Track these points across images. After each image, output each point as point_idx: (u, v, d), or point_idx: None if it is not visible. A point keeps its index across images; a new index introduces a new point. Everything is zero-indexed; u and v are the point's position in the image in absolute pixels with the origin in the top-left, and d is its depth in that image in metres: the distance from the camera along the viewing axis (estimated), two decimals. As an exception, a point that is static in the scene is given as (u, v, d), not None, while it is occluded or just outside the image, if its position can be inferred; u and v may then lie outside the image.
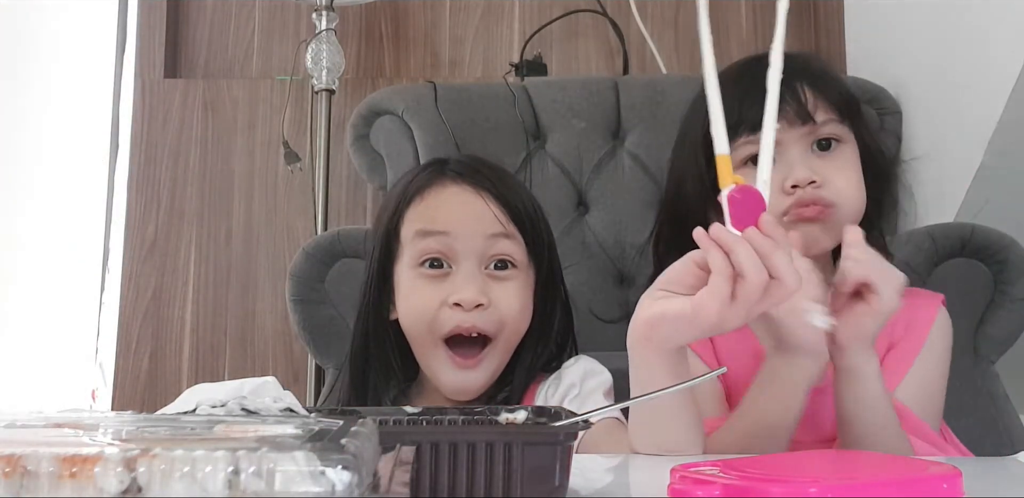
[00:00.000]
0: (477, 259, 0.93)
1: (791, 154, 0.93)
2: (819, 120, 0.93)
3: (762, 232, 0.65)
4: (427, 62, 2.02)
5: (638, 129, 1.44)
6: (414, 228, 0.95)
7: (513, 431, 0.51)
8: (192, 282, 1.91)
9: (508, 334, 0.94)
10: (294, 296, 1.23)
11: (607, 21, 1.95)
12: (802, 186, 0.90)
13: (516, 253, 0.95)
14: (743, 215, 0.64)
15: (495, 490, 0.46)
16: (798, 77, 0.94)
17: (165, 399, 1.92)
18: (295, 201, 1.92)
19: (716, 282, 0.64)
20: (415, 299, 0.94)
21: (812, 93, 0.94)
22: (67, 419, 0.40)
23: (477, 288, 0.92)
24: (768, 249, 0.64)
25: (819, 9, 1.95)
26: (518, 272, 0.95)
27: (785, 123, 0.92)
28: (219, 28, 2.05)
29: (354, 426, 0.37)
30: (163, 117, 1.97)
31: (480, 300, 0.91)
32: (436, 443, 0.46)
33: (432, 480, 0.46)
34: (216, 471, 0.30)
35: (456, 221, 0.94)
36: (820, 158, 0.93)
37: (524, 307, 0.95)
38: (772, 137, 0.72)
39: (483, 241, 0.93)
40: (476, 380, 0.93)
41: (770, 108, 0.72)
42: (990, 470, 0.65)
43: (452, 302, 0.91)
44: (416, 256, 0.94)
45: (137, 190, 1.94)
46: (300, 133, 1.90)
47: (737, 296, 0.64)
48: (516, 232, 0.95)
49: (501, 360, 0.95)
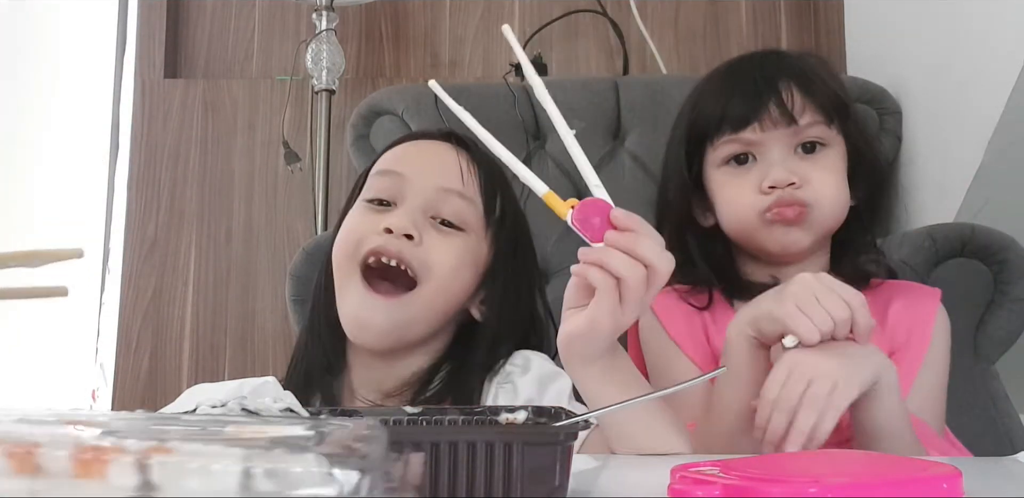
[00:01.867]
0: (423, 204, 0.89)
1: (772, 155, 0.93)
2: (803, 122, 0.92)
3: (618, 228, 0.67)
4: (427, 62, 2.02)
5: (638, 129, 1.44)
6: (376, 168, 0.94)
7: (513, 431, 0.51)
8: (192, 282, 1.91)
9: (434, 285, 0.87)
10: (294, 296, 1.23)
11: (607, 21, 1.95)
12: (780, 187, 0.91)
13: (466, 215, 0.90)
14: (594, 228, 0.66)
15: (495, 490, 0.46)
16: (786, 77, 0.94)
17: (165, 399, 1.92)
18: (295, 201, 1.92)
19: (600, 296, 0.67)
20: (349, 226, 0.91)
21: (800, 94, 0.93)
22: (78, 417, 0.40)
23: (411, 222, 0.87)
24: (631, 243, 0.66)
25: (819, 9, 1.95)
26: (464, 235, 0.90)
27: (768, 124, 0.92)
28: (219, 28, 2.05)
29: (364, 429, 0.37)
30: (163, 117, 1.97)
31: (411, 230, 0.86)
32: (436, 443, 0.46)
33: (432, 480, 0.46)
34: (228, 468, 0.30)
35: (415, 165, 0.91)
36: (803, 160, 0.93)
37: (457, 265, 0.88)
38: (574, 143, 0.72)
39: (434, 191, 0.89)
40: (385, 316, 0.85)
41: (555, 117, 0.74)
42: (990, 470, 0.65)
43: (383, 227, 0.86)
44: (365, 192, 0.92)
45: (137, 190, 1.95)
46: (300, 133, 1.90)
47: (624, 297, 0.66)
48: (475, 196, 0.90)
49: (424, 312, 0.88)
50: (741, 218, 0.94)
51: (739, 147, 0.94)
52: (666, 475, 0.49)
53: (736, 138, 0.93)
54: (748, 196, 0.93)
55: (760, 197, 0.92)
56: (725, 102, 0.94)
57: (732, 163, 0.95)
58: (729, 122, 0.93)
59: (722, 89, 0.96)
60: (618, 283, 0.66)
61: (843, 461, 0.56)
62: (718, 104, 0.95)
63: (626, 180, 1.41)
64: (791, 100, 0.92)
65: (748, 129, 0.93)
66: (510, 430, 0.52)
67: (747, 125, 0.92)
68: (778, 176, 0.91)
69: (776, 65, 0.96)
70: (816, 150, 0.94)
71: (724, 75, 0.99)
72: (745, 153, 0.94)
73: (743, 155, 0.94)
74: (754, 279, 0.97)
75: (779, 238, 0.93)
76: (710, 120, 0.95)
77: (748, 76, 0.96)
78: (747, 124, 0.92)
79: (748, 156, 0.94)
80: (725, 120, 0.94)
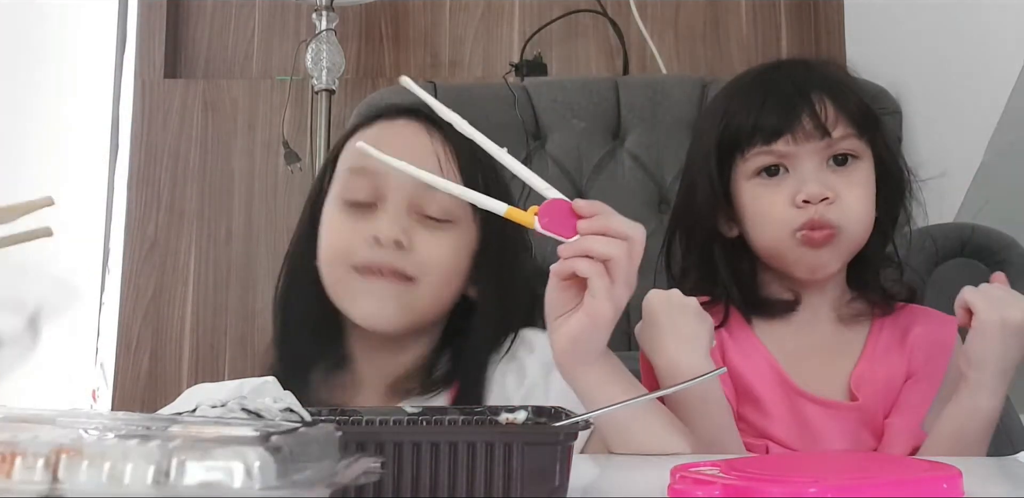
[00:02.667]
0: (406, 202, 0.85)
1: (805, 168, 0.90)
2: (836, 135, 0.90)
3: (584, 216, 0.67)
4: (427, 62, 2.02)
5: (638, 129, 1.44)
6: (348, 164, 0.89)
7: (513, 431, 0.51)
8: (192, 282, 1.91)
9: (434, 281, 0.86)
10: (294, 296, 1.23)
11: (607, 21, 1.95)
12: (814, 202, 0.88)
13: (452, 208, 0.86)
14: (563, 225, 0.67)
15: (495, 490, 0.46)
16: (817, 88, 0.91)
17: (165, 399, 1.91)
18: (295, 201, 1.92)
19: (593, 284, 0.67)
20: (333, 234, 0.88)
21: (832, 106, 0.91)
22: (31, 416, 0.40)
23: (399, 227, 0.84)
24: (602, 225, 0.67)
25: (819, 9, 1.95)
26: (453, 226, 0.87)
27: (801, 136, 0.90)
28: (219, 28, 2.05)
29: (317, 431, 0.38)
30: (163, 117, 1.97)
31: (399, 237, 0.83)
32: (436, 443, 0.46)
33: (432, 480, 0.46)
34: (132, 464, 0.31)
35: None
36: (835, 173, 0.91)
37: (453, 259, 0.86)
38: (510, 159, 0.70)
39: (414, 188, 0.84)
40: (395, 310, 0.84)
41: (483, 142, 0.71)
42: (990, 470, 0.65)
43: (370, 235, 0.84)
44: (341, 192, 0.88)
45: (137, 190, 1.95)
46: (300, 133, 1.90)
47: (614, 276, 0.67)
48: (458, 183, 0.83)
49: (427, 305, 0.86)
50: (773, 234, 0.92)
51: (771, 159, 0.92)
52: (666, 475, 0.49)
53: (769, 150, 0.91)
54: (781, 210, 0.90)
55: (793, 212, 0.89)
56: (757, 113, 0.92)
57: (763, 175, 0.92)
58: (761, 133, 0.91)
59: (753, 99, 0.94)
60: (605, 266, 0.67)
61: (843, 461, 0.56)
62: (750, 115, 0.93)
63: (626, 180, 1.41)
64: (824, 112, 0.90)
65: (781, 141, 0.90)
66: (510, 430, 0.52)
67: (780, 137, 0.90)
68: (812, 190, 0.88)
69: (807, 75, 0.94)
70: (848, 163, 0.91)
71: (753, 84, 0.96)
72: (776, 165, 0.92)
73: (774, 167, 0.92)
74: (774, 296, 0.95)
75: (809, 261, 0.91)
76: (741, 131, 0.93)
77: (780, 86, 0.94)
78: (780, 136, 0.90)
79: (780, 168, 0.92)
80: (757, 131, 0.91)
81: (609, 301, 0.68)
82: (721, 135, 0.94)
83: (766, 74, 0.96)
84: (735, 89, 0.98)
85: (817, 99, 0.90)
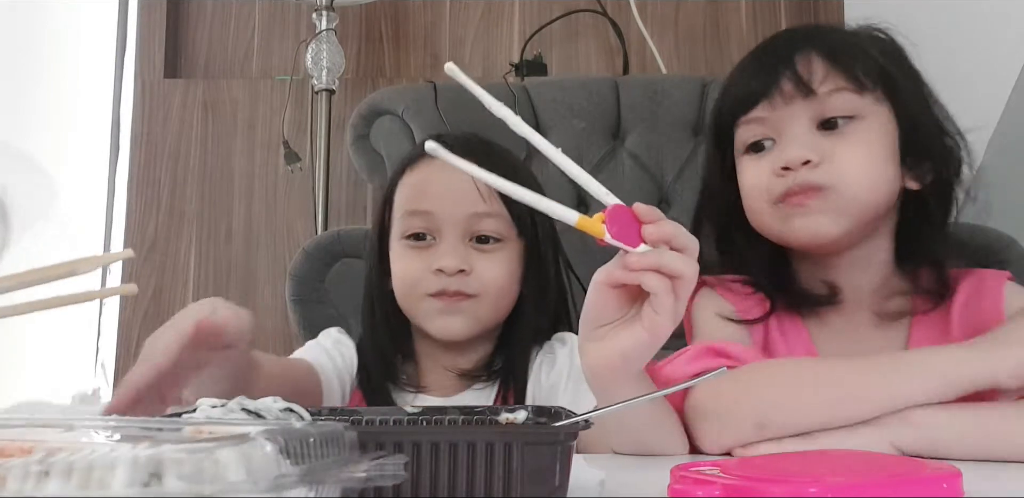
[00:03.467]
0: (461, 233, 0.96)
1: (789, 134, 0.84)
2: (823, 90, 0.83)
3: (647, 220, 0.62)
4: (427, 62, 2.02)
5: (638, 129, 1.44)
6: (403, 207, 0.99)
7: (513, 431, 0.51)
8: (192, 282, 1.91)
9: (493, 295, 0.97)
10: (294, 296, 1.23)
11: (607, 21, 1.95)
12: (794, 167, 0.82)
13: (501, 229, 0.97)
14: (628, 233, 0.62)
15: (495, 490, 0.46)
16: (807, 47, 0.85)
17: (165, 399, 1.91)
18: (295, 201, 1.92)
19: (661, 300, 0.62)
20: (401, 267, 0.98)
21: (824, 62, 0.84)
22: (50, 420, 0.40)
23: (459, 256, 0.95)
24: (670, 233, 0.62)
25: (819, 8, 1.95)
26: (502, 245, 0.98)
27: (779, 100, 0.84)
28: (219, 28, 2.05)
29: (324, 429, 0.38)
30: (163, 117, 1.97)
31: (461, 266, 0.95)
32: (436, 443, 0.46)
33: (432, 480, 0.46)
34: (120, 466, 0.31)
35: (439, 200, 0.97)
36: (826, 136, 0.83)
37: (508, 276, 0.97)
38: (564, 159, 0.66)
39: (466, 219, 0.96)
40: (461, 323, 0.96)
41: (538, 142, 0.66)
42: (990, 470, 0.65)
43: (435, 268, 0.95)
44: (403, 230, 0.99)
45: (137, 190, 1.95)
46: (300, 133, 1.90)
47: (679, 295, 0.62)
48: (501, 208, 0.96)
49: (489, 314, 0.98)
50: (756, 208, 0.86)
51: (756, 129, 0.86)
52: (666, 475, 0.49)
53: (750, 118, 0.86)
54: (761, 182, 0.84)
55: (773, 181, 0.83)
56: (740, 81, 0.88)
57: (749, 151, 0.87)
58: (742, 101, 0.86)
59: (742, 69, 0.90)
60: (672, 282, 0.62)
61: (843, 461, 0.56)
62: (735, 84, 0.89)
63: (626, 180, 1.41)
64: (809, 69, 0.83)
65: (760, 106, 0.85)
66: (510, 430, 0.52)
67: (758, 102, 0.84)
68: (791, 155, 0.81)
69: (802, 38, 0.88)
70: (840, 126, 0.83)
71: (749, 55, 0.91)
72: (762, 140, 0.86)
73: (761, 142, 0.86)
74: (809, 288, 0.88)
75: (802, 227, 0.83)
76: (728, 101, 0.89)
77: (766, 51, 0.89)
78: (758, 101, 0.84)
79: (767, 141, 0.86)
80: (739, 99, 0.86)
81: (672, 319, 0.63)
82: (717, 110, 0.91)
83: (764, 42, 0.92)
84: (738, 64, 0.93)
85: (803, 58, 0.84)
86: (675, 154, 1.41)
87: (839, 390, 0.73)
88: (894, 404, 0.71)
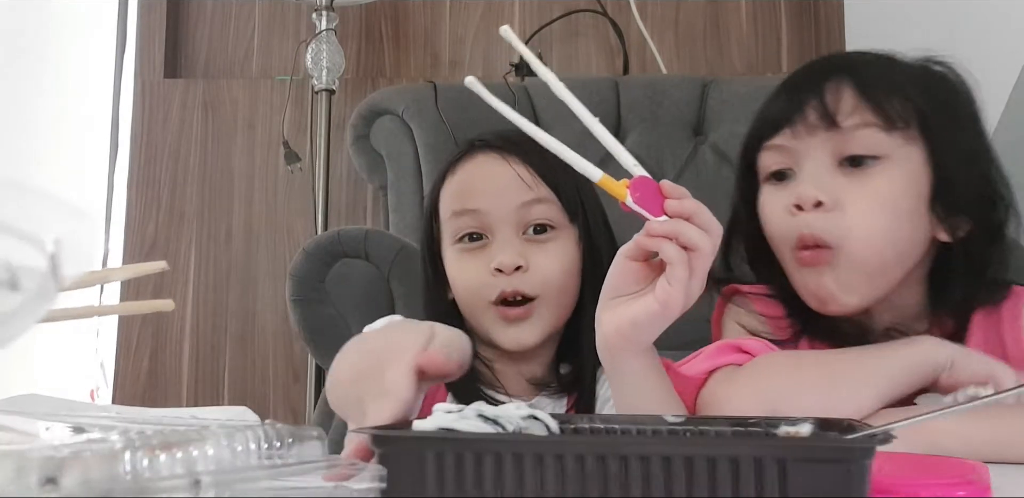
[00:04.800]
0: (514, 227, 0.93)
1: (807, 167, 0.79)
2: (848, 124, 0.77)
3: (672, 197, 0.64)
4: (427, 62, 2.02)
5: (638, 129, 1.44)
6: (449, 209, 0.96)
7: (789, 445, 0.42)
8: (192, 282, 1.91)
9: (554, 292, 0.93)
10: (294, 296, 1.23)
11: (607, 21, 1.95)
12: (806, 208, 0.77)
13: (553, 215, 0.94)
14: (652, 203, 0.65)
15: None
16: (839, 75, 0.79)
17: (165, 399, 1.92)
18: (295, 201, 1.92)
19: (675, 270, 0.63)
20: (460, 273, 0.95)
21: (854, 93, 0.78)
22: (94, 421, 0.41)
23: (515, 251, 0.92)
24: (692, 208, 0.63)
25: (819, 9, 1.95)
26: (557, 233, 0.94)
27: (802, 128, 0.79)
28: (219, 28, 2.05)
29: None
30: (163, 117, 1.97)
31: (518, 262, 0.91)
32: (690, 457, 0.38)
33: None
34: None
35: (486, 195, 0.94)
36: (846, 176, 0.77)
37: (566, 267, 0.94)
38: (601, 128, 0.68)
39: (516, 210, 0.93)
40: (530, 332, 0.93)
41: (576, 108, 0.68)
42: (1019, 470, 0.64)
43: (493, 268, 0.91)
44: (454, 234, 0.96)
45: (137, 190, 1.95)
46: (300, 133, 1.90)
47: (695, 268, 0.63)
48: (549, 194, 0.94)
49: (553, 315, 0.94)
50: (777, 248, 0.81)
51: (777, 157, 0.81)
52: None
53: (772, 145, 0.81)
54: (778, 219, 0.80)
55: (788, 221, 0.78)
56: (767, 106, 0.84)
57: (772, 180, 0.82)
58: (765, 127, 0.82)
59: (777, 92, 0.85)
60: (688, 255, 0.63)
61: (911, 461, 0.54)
62: (766, 108, 0.84)
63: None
64: (837, 100, 0.77)
65: (782, 134, 0.80)
66: (786, 444, 0.43)
67: (780, 129, 0.80)
68: (803, 193, 0.76)
69: (838, 65, 0.82)
70: (864, 164, 0.77)
71: (787, 78, 0.86)
72: (784, 170, 0.81)
73: (783, 171, 0.81)
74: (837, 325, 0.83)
75: (808, 285, 0.79)
76: (756, 125, 0.85)
77: (798, 76, 0.85)
78: (780, 128, 0.80)
79: (788, 171, 0.81)
80: (763, 125, 0.83)
81: (683, 292, 0.64)
82: (748, 135, 0.87)
83: (802, 66, 0.86)
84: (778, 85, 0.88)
85: (833, 87, 0.78)
86: (675, 154, 1.41)
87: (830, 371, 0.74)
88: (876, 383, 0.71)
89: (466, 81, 0.70)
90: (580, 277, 0.95)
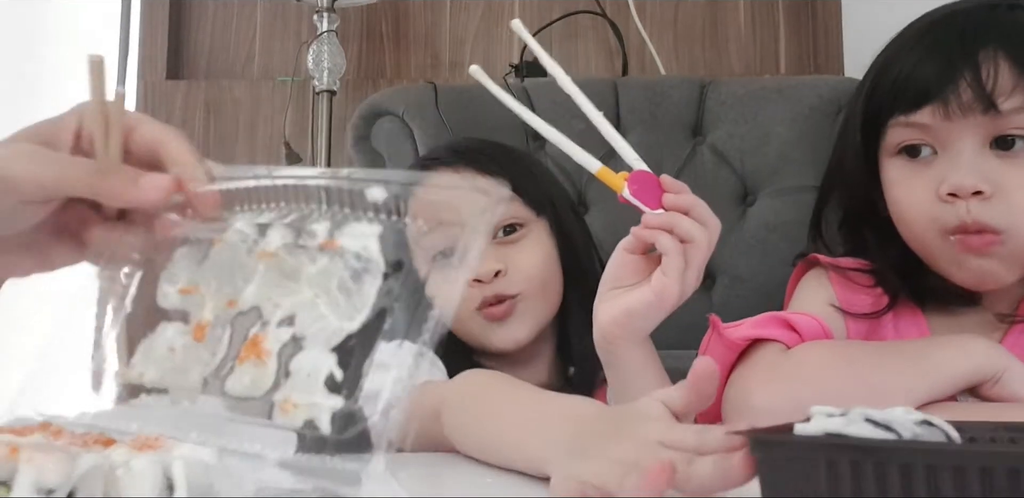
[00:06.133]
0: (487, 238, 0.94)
1: (957, 150, 0.71)
2: (1007, 107, 0.69)
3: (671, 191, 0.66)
4: (428, 63, 2.03)
5: (637, 130, 1.44)
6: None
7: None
8: (194, 282, 1.92)
9: (537, 286, 0.94)
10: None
11: (606, 22, 1.96)
12: (962, 196, 0.70)
13: (518, 212, 0.95)
14: (649, 196, 0.67)
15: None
16: (994, 40, 0.69)
17: (167, 399, 1.92)
18: (296, 202, 1.92)
19: (671, 261, 0.65)
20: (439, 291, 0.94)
21: (1011, 67, 0.69)
22: None
23: (491, 258, 0.92)
24: (690, 202, 0.65)
25: (817, 9, 1.95)
26: (528, 229, 0.96)
27: (955, 108, 0.69)
28: (221, 30, 2.06)
29: None
30: (165, 118, 1.97)
31: (496, 267, 0.92)
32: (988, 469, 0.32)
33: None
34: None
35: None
36: (1000, 159, 0.70)
37: (545, 260, 0.95)
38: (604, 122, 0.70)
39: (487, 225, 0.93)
40: (519, 327, 0.93)
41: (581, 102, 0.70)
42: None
43: (474, 280, 0.92)
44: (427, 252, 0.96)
45: (139, 191, 1.95)
46: (301, 134, 1.91)
47: (690, 261, 0.65)
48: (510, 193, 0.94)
49: (540, 308, 0.94)
50: (917, 232, 0.75)
51: (913, 134, 0.73)
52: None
53: (908, 122, 0.72)
54: (924, 203, 0.72)
55: (939, 207, 0.71)
56: (906, 72, 0.73)
57: (903, 154, 0.74)
58: (903, 99, 0.72)
59: (909, 53, 0.75)
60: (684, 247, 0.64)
61: None
62: (898, 73, 0.74)
63: (625, 180, 1.42)
64: (995, 77, 0.68)
65: (925, 111, 0.71)
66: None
67: (923, 105, 0.71)
68: (960, 182, 0.69)
69: (984, 22, 0.72)
70: (1017, 146, 0.70)
71: (919, 33, 0.77)
72: (919, 144, 0.73)
73: (916, 146, 0.73)
74: (945, 287, 0.77)
75: (971, 269, 0.72)
76: (885, 93, 0.75)
77: (944, 37, 0.73)
78: (924, 104, 0.71)
79: (925, 148, 0.73)
80: (899, 96, 0.72)
81: (679, 283, 0.66)
82: (869, 96, 0.78)
83: (938, 19, 0.77)
84: (902, 36, 0.79)
85: (987, 57, 0.69)
86: (674, 155, 1.41)
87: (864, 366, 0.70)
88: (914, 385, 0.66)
89: (471, 69, 0.72)
90: (560, 265, 0.96)
